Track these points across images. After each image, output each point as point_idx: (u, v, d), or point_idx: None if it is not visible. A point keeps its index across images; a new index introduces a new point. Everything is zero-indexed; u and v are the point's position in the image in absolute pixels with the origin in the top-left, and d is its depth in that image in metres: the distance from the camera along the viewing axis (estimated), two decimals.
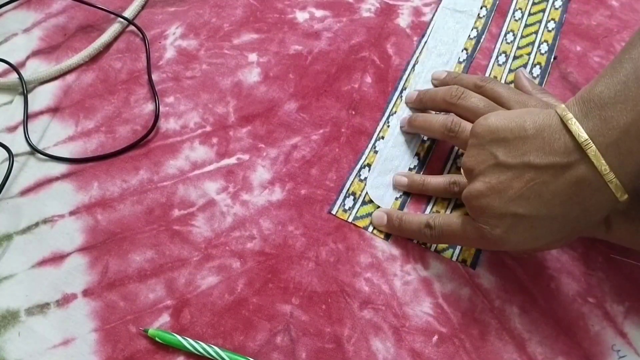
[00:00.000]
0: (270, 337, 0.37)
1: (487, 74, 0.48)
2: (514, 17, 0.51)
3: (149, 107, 0.47)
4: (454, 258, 0.40)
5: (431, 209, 0.42)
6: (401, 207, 0.42)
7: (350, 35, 0.50)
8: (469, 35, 0.50)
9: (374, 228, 0.41)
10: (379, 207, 0.42)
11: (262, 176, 0.44)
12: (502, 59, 0.49)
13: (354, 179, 0.43)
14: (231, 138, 0.45)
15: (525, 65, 0.48)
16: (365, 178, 0.43)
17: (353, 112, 0.46)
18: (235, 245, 0.41)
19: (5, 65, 0.49)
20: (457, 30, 0.50)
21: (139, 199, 0.43)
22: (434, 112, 0.44)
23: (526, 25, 0.50)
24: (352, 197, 0.42)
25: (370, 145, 0.45)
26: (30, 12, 0.53)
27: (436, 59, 0.48)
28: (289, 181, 0.43)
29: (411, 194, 0.43)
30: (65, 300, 0.39)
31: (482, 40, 0.50)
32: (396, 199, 0.42)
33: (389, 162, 0.43)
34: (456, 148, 0.44)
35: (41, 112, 0.47)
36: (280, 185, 0.43)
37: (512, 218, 0.33)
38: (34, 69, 0.49)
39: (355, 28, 0.51)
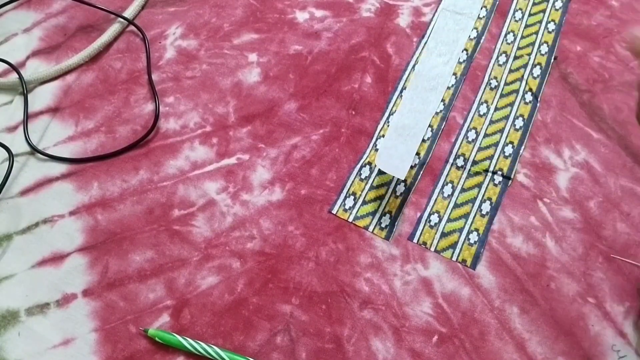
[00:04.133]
0: (270, 337, 0.37)
1: (487, 74, 0.48)
2: (514, 17, 0.51)
3: (149, 107, 0.47)
4: (454, 258, 0.40)
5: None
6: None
7: (350, 35, 0.50)
8: (469, 36, 0.50)
9: (375, 226, 0.41)
10: (379, 206, 0.42)
11: (262, 176, 0.44)
12: (502, 59, 0.49)
13: (354, 179, 0.43)
14: (231, 138, 0.45)
15: (525, 66, 0.48)
16: (366, 177, 0.43)
17: (353, 112, 0.46)
18: (235, 245, 0.41)
19: (5, 65, 0.49)
20: (457, 31, 0.50)
21: (139, 199, 0.43)
22: None
23: (526, 26, 0.50)
24: (352, 197, 0.42)
25: (370, 145, 0.45)
26: (30, 12, 0.53)
27: (436, 58, 0.48)
28: (289, 181, 0.43)
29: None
30: (65, 300, 0.39)
31: (482, 41, 0.50)
32: (411, 167, 0.42)
33: (402, 131, 0.44)
34: (456, 148, 0.44)
35: (41, 112, 0.47)
36: (280, 185, 0.43)
37: None
38: (34, 69, 0.49)
39: (355, 28, 0.51)
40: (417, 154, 0.44)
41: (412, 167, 0.44)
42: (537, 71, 0.47)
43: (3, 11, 0.54)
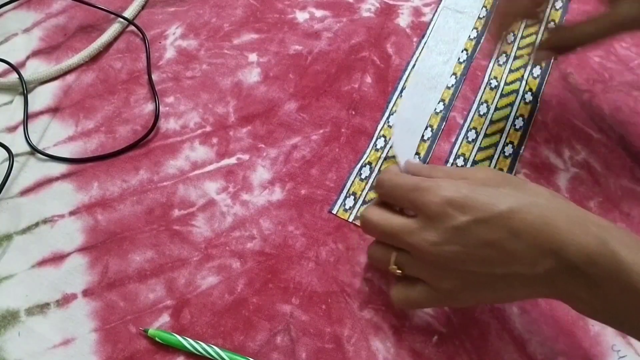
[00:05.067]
0: (270, 337, 0.37)
1: (487, 74, 0.48)
2: None
3: (149, 107, 0.47)
4: None
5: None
6: None
7: (350, 35, 0.50)
8: (469, 36, 0.50)
9: None
10: None
11: (262, 176, 0.44)
12: (502, 59, 0.49)
13: (354, 179, 0.43)
14: (231, 138, 0.45)
15: (525, 66, 0.48)
16: (366, 177, 0.43)
17: (353, 112, 0.46)
18: (235, 245, 0.41)
19: (5, 65, 0.49)
20: (458, 30, 0.50)
21: (139, 199, 0.43)
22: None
23: (527, 26, 0.50)
24: (352, 197, 0.42)
25: (370, 145, 0.45)
26: (30, 12, 0.53)
27: (436, 57, 0.48)
28: (289, 181, 0.43)
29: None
30: (65, 300, 0.39)
31: (482, 41, 0.50)
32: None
33: (403, 126, 0.44)
34: (456, 148, 0.44)
35: (41, 112, 0.47)
36: (280, 185, 0.43)
37: None
38: (34, 69, 0.49)
39: (355, 28, 0.51)
40: (417, 154, 0.44)
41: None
42: (537, 71, 0.47)
43: (3, 11, 0.54)
